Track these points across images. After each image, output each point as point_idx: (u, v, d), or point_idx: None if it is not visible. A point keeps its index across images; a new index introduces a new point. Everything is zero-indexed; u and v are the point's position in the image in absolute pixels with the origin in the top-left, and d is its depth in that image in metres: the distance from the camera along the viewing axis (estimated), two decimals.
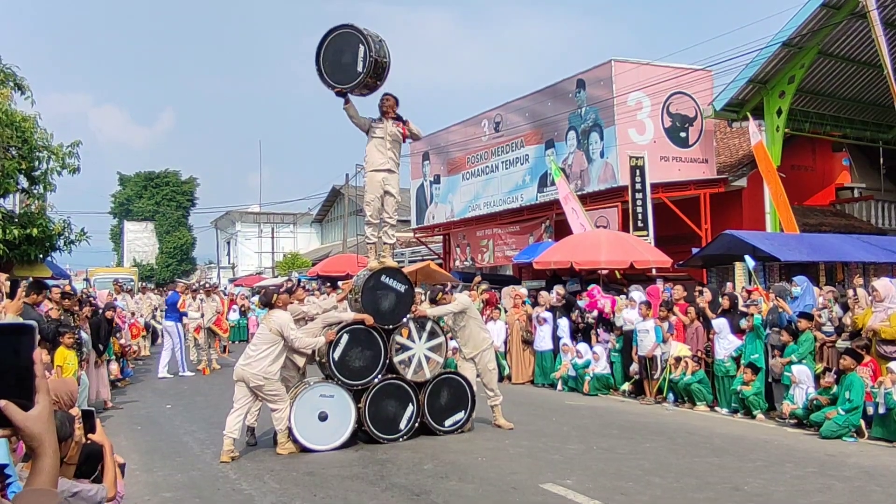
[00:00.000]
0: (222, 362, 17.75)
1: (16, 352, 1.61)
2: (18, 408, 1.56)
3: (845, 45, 19.33)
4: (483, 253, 24.76)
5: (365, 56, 9.26)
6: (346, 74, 9.41)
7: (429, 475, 7.71)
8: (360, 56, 9.30)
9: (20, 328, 1.64)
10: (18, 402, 1.57)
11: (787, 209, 17.32)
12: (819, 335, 11.20)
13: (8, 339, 1.61)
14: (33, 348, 1.62)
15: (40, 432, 1.58)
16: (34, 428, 1.57)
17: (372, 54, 9.23)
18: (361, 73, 9.30)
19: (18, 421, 1.55)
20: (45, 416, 1.60)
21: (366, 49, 9.26)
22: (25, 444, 1.59)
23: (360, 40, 9.33)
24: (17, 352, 1.61)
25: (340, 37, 9.46)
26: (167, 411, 12.19)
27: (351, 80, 9.40)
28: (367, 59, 9.24)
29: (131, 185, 62.44)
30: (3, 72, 14.47)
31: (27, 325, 1.66)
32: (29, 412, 1.57)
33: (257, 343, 8.84)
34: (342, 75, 9.42)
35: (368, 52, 9.24)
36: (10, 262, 15.06)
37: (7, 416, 1.56)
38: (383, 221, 10.06)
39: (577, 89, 20.29)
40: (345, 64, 9.39)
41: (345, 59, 9.39)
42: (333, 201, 50.30)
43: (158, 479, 7.81)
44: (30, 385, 1.61)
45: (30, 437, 1.57)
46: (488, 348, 10.33)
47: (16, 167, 14.05)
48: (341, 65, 9.41)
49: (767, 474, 7.60)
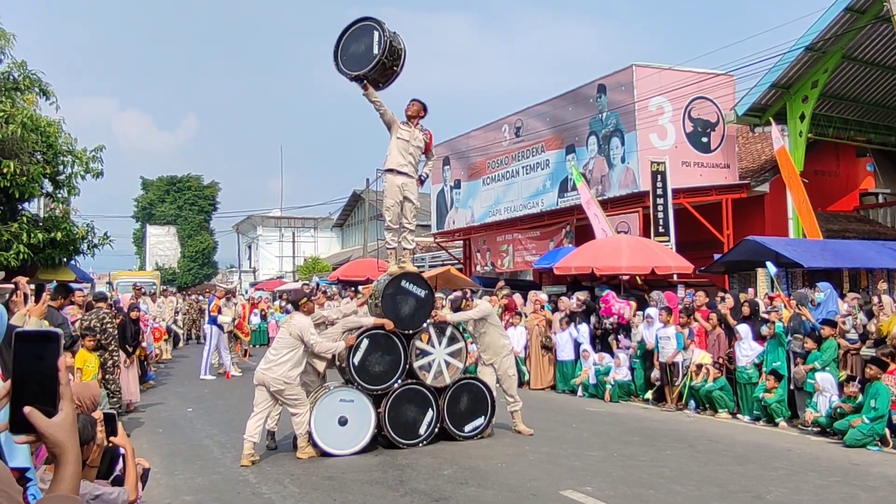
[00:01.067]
0: (243, 366, 17.82)
1: (40, 358, 1.62)
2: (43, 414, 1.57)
3: (869, 50, 19.15)
4: (503, 258, 24.73)
5: (380, 39, 9.40)
6: (363, 60, 9.51)
7: (448, 481, 7.70)
8: (374, 40, 9.44)
9: (45, 335, 1.65)
10: (42, 409, 1.58)
11: (810, 215, 17.17)
12: (843, 342, 11.08)
13: (33, 346, 1.63)
14: (58, 355, 1.63)
15: (63, 439, 1.59)
16: (57, 435, 1.58)
17: (386, 36, 9.36)
18: (377, 54, 9.38)
19: (42, 428, 1.56)
20: (69, 423, 1.61)
21: (380, 33, 9.41)
22: (48, 450, 1.60)
23: (373, 28, 9.50)
24: (42, 358, 1.62)
25: (355, 32, 9.64)
26: (188, 414, 12.26)
27: (368, 63, 9.46)
28: (382, 41, 9.36)
29: (154, 189, 62.94)
30: (29, 77, 14.64)
31: (52, 333, 1.67)
32: (52, 419, 1.58)
33: (278, 347, 8.87)
34: (359, 62, 9.54)
35: (382, 34, 9.38)
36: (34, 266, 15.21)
37: (32, 422, 1.57)
38: (403, 227, 10.07)
39: (598, 94, 20.23)
40: (361, 52, 9.53)
41: (361, 49, 9.54)
42: (354, 206, 50.43)
43: (179, 482, 7.85)
44: (54, 392, 1.62)
45: (53, 444, 1.58)
46: (508, 354, 10.30)
47: (40, 171, 14.20)
48: (358, 54, 9.56)
49: (790, 483, 7.53)
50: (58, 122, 14.69)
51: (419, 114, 9.90)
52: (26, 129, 13.39)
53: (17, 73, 14.57)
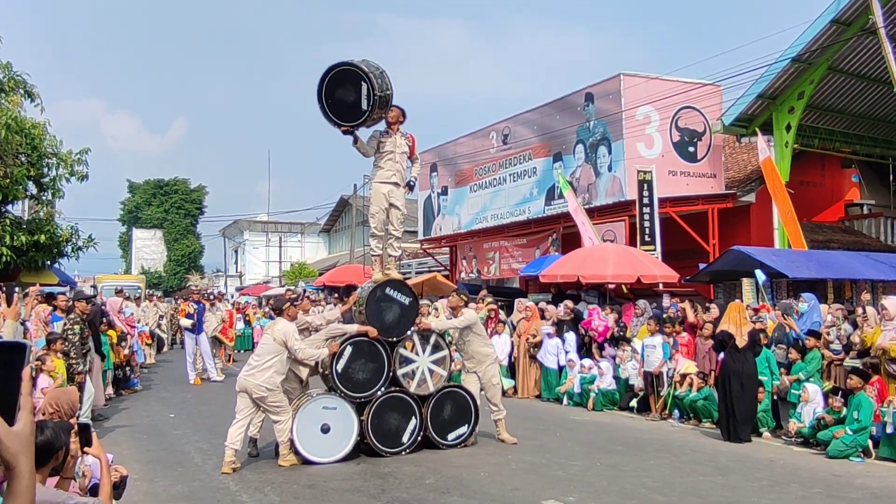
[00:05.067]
0: (227, 372, 17.72)
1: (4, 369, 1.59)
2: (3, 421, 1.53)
3: (855, 62, 19.29)
4: (489, 265, 24.72)
5: (369, 94, 9.21)
6: (352, 113, 9.38)
7: (430, 490, 7.66)
8: (363, 94, 9.27)
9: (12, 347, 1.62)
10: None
11: (795, 225, 17.25)
12: (827, 353, 11.12)
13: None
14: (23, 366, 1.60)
15: (17, 450, 1.54)
16: (14, 445, 1.54)
17: (376, 92, 9.17)
18: (367, 111, 9.29)
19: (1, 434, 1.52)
20: (26, 435, 1.57)
21: (369, 87, 9.21)
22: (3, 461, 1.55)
23: (361, 77, 9.27)
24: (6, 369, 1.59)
25: (341, 73, 9.38)
26: (171, 420, 12.17)
27: (357, 118, 9.39)
28: (372, 97, 9.20)
29: (140, 192, 62.72)
30: (14, 79, 14.55)
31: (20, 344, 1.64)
32: (9, 428, 1.54)
33: (261, 353, 8.81)
34: (348, 114, 9.39)
35: (372, 90, 9.18)
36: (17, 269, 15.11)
37: None
38: (388, 234, 10.04)
39: (586, 103, 20.28)
40: (349, 103, 9.34)
41: (348, 98, 9.33)
42: (341, 211, 50.37)
43: (159, 489, 7.78)
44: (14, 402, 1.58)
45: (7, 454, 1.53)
46: (492, 363, 10.27)
47: (24, 174, 14.11)
48: (345, 104, 9.35)
49: (772, 494, 7.52)
50: (43, 125, 14.61)
51: (399, 119, 9.87)
52: (10, 131, 13.31)
53: (1, 75, 14.47)
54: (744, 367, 10.50)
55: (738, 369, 10.48)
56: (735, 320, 10.83)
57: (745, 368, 10.50)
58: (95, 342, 12.19)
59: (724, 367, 10.68)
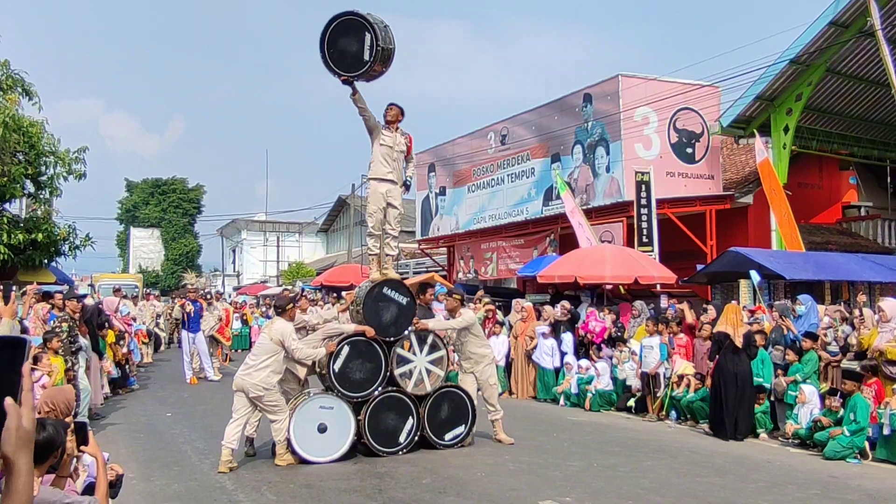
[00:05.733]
0: (224, 371, 17.70)
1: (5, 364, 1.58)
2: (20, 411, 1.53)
3: (853, 64, 19.31)
4: (487, 265, 24.72)
5: (372, 44, 9.16)
6: (353, 63, 9.31)
7: (427, 490, 7.66)
8: (366, 44, 9.20)
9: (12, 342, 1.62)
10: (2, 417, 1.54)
11: (792, 227, 17.25)
12: (824, 355, 11.13)
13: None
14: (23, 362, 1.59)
15: (18, 447, 1.54)
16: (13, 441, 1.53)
17: (379, 43, 9.14)
18: (368, 61, 9.21)
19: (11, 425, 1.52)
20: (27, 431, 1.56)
21: (372, 37, 9.16)
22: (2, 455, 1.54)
23: (365, 28, 9.21)
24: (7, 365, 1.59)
25: (345, 23, 9.30)
26: (167, 419, 12.16)
27: (358, 69, 9.31)
28: (374, 47, 9.15)
29: (138, 191, 62.72)
30: (12, 77, 14.55)
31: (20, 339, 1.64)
32: None
33: (257, 353, 8.79)
34: (348, 64, 9.32)
35: (375, 40, 9.14)
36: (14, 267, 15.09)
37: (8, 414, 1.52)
38: (386, 233, 10.03)
39: (584, 103, 20.28)
40: (351, 52, 9.27)
41: (351, 48, 9.26)
42: (339, 211, 50.35)
43: (155, 488, 7.76)
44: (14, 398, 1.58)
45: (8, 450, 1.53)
46: (489, 363, 10.27)
47: (22, 172, 14.11)
48: (347, 53, 9.29)
49: (769, 495, 7.53)
50: (41, 123, 14.60)
51: (398, 118, 9.87)
52: (8, 130, 13.30)
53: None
54: (738, 368, 10.61)
55: (732, 370, 10.59)
56: (732, 322, 10.89)
57: (739, 369, 10.61)
58: (93, 341, 12.18)
59: (719, 368, 10.81)
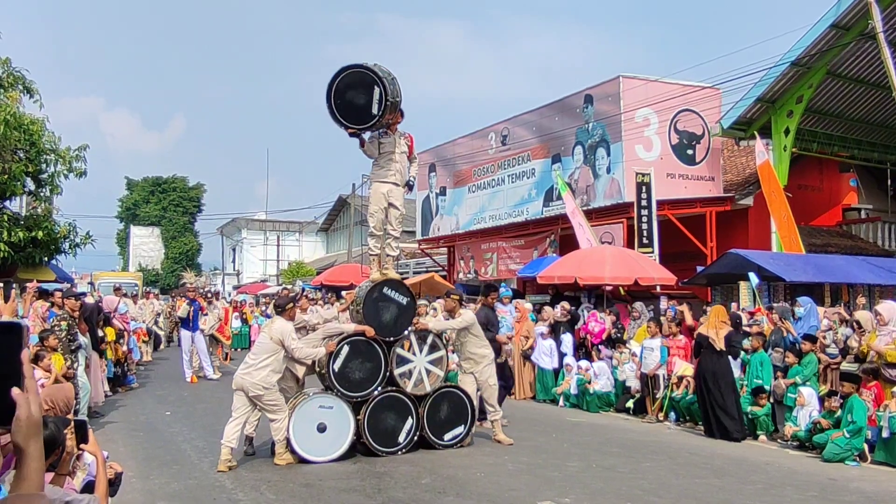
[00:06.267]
0: (223, 370, 17.70)
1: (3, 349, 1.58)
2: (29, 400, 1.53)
3: (854, 66, 19.31)
4: (487, 266, 24.73)
5: (381, 99, 9.15)
6: (361, 116, 9.33)
7: (426, 490, 7.66)
8: (375, 98, 9.20)
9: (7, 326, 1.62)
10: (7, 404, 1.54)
11: (792, 229, 17.25)
12: (823, 357, 11.14)
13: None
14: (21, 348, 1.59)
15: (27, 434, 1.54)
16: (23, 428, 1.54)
17: (388, 97, 9.13)
18: (377, 115, 9.25)
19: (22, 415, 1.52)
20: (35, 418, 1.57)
21: (381, 91, 9.15)
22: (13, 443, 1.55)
23: (374, 81, 9.20)
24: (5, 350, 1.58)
25: (353, 75, 9.31)
26: (167, 418, 12.16)
27: (366, 122, 9.36)
28: (383, 102, 9.15)
29: (138, 189, 62.75)
30: (13, 75, 14.54)
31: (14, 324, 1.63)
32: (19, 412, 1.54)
33: (257, 352, 8.80)
34: (356, 117, 9.34)
35: (384, 95, 9.13)
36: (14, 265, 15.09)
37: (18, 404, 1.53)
38: (387, 233, 10.04)
39: (585, 104, 20.29)
40: (359, 105, 9.28)
41: (359, 100, 9.27)
42: (340, 210, 50.36)
43: (154, 486, 7.76)
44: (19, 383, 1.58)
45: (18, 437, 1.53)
46: (489, 364, 10.27)
47: (23, 170, 14.10)
48: (354, 105, 9.30)
49: (768, 497, 7.53)
50: (41, 121, 14.59)
51: (397, 120, 9.87)
52: (9, 127, 13.30)
53: (0, 71, 14.46)
54: (716, 367, 10.81)
55: (711, 369, 10.81)
56: (713, 324, 11.03)
57: (717, 369, 10.81)
58: (93, 339, 12.18)
59: (699, 368, 11.05)
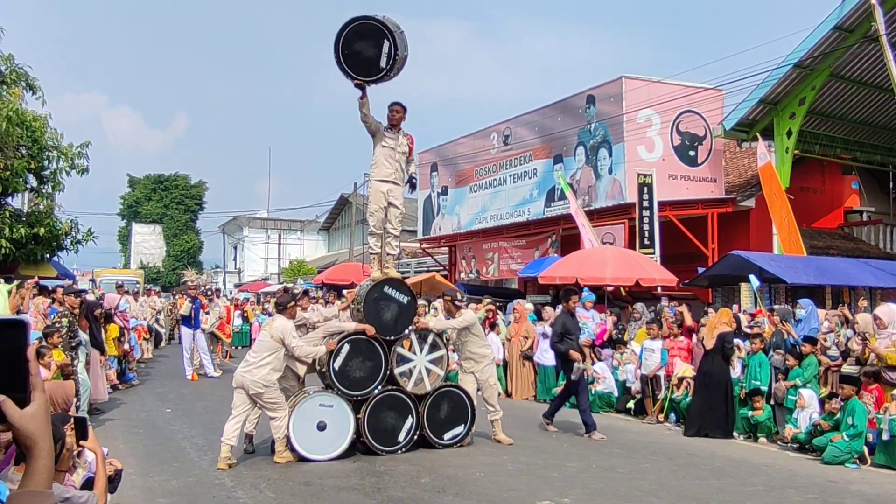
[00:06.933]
0: (224, 368, 17.71)
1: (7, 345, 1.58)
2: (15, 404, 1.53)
3: (857, 69, 19.30)
4: (488, 266, 24.73)
5: (390, 52, 9.08)
6: (368, 68, 9.22)
7: (426, 489, 7.66)
8: (384, 51, 9.10)
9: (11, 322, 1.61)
10: (14, 398, 1.54)
11: (793, 231, 17.24)
12: (824, 359, 11.13)
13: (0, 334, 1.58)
14: (26, 343, 1.59)
15: (35, 431, 1.54)
16: (30, 426, 1.53)
17: (398, 52, 9.07)
18: (384, 69, 9.16)
19: (14, 418, 1.52)
20: (42, 414, 1.56)
21: (391, 45, 9.08)
22: (20, 443, 1.55)
23: (384, 34, 9.12)
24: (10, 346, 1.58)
25: (362, 27, 9.19)
26: (167, 415, 12.16)
27: (372, 74, 9.24)
28: (392, 56, 9.08)
29: (140, 187, 62.80)
30: (16, 71, 14.56)
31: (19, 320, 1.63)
32: (24, 410, 1.54)
33: (258, 350, 8.80)
34: (363, 68, 9.23)
35: (394, 49, 9.06)
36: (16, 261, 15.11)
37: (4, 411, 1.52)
38: (387, 232, 10.03)
39: (587, 105, 20.28)
40: (366, 57, 9.18)
41: (366, 52, 9.16)
42: (341, 209, 50.36)
43: (154, 484, 7.77)
44: (24, 380, 1.57)
45: (25, 436, 1.53)
46: (489, 364, 10.27)
47: (25, 166, 14.13)
48: (362, 57, 9.19)
49: (767, 499, 7.53)
50: (44, 117, 14.62)
51: (402, 119, 9.85)
52: (11, 123, 13.31)
53: (3, 67, 14.48)
54: (709, 367, 11.00)
55: (703, 368, 11.09)
56: (712, 324, 11.16)
57: (709, 369, 11.00)
58: (94, 336, 12.18)
59: (698, 368, 11.34)
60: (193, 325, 16.99)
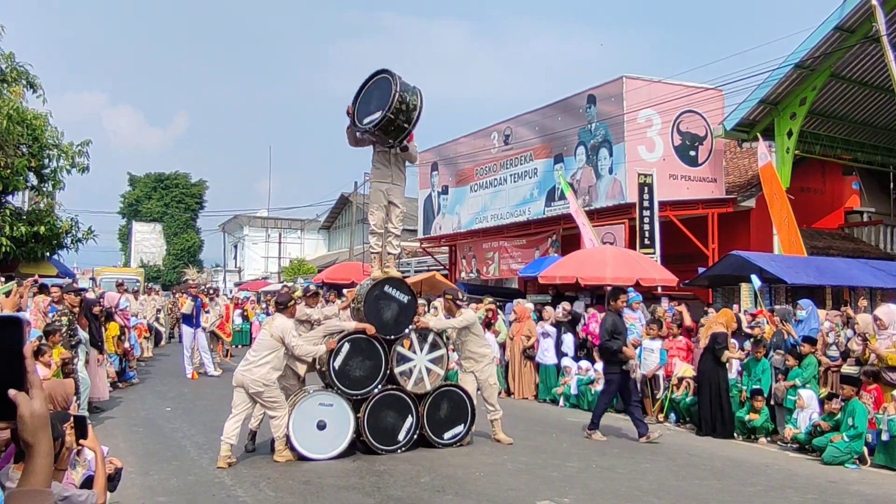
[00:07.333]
0: (224, 366, 17.71)
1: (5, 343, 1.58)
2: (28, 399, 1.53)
3: (858, 69, 19.28)
4: (489, 265, 24.71)
5: (379, 120, 9.24)
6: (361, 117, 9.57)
7: (426, 488, 7.66)
8: (375, 117, 9.34)
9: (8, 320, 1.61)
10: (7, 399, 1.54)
11: (793, 232, 17.23)
12: (824, 360, 11.13)
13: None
14: (23, 341, 1.59)
15: (36, 429, 1.54)
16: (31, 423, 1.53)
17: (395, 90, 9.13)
18: (364, 126, 9.42)
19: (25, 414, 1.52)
20: (43, 413, 1.57)
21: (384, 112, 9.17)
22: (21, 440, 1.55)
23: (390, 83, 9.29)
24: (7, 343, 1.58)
25: (379, 82, 9.54)
26: (167, 414, 12.17)
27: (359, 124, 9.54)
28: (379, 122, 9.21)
29: (141, 185, 62.77)
30: (16, 69, 14.56)
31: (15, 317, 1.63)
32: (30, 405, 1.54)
33: (258, 349, 8.81)
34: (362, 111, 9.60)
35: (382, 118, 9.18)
36: (16, 260, 15.12)
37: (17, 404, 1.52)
38: (388, 231, 10.04)
39: (588, 105, 20.27)
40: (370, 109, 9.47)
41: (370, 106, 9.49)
42: (342, 208, 50.35)
43: (153, 482, 7.77)
44: (22, 378, 1.57)
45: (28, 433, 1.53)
46: (489, 363, 10.28)
47: (25, 165, 14.14)
48: (368, 111, 9.52)
49: (767, 499, 7.53)
50: (44, 116, 14.62)
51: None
52: (12, 122, 13.32)
53: (4, 65, 14.49)
54: (703, 366, 11.19)
55: (700, 367, 11.32)
56: (709, 324, 11.24)
57: (703, 367, 11.21)
58: (94, 335, 12.18)
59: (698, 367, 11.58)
60: (194, 323, 16.99)
